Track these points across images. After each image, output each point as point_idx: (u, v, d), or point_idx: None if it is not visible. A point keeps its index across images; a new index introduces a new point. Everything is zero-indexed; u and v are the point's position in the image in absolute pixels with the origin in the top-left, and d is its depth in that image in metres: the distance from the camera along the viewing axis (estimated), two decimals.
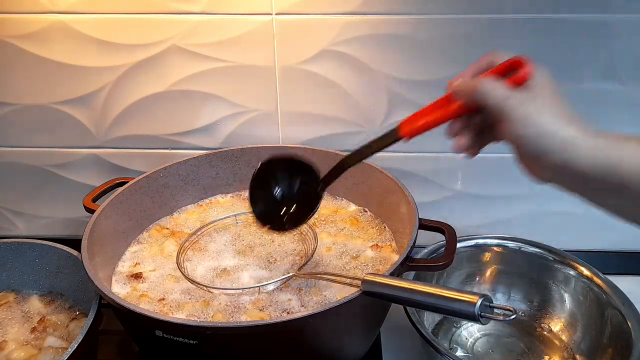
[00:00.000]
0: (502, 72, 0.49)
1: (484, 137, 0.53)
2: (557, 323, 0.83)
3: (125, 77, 0.88)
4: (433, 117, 0.52)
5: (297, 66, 0.86)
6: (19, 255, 0.81)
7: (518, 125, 0.46)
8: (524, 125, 0.46)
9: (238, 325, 0.58)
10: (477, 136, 0.52)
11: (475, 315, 0.50)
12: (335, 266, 0.74)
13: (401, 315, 0.72)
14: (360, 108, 0.89)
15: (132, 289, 0.71)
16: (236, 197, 0.91)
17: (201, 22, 0.83)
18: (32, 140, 0.95)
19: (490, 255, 0.87)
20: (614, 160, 0.44)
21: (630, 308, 0.73)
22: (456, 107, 0.50)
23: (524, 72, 0.47)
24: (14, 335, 0.75)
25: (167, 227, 0.84)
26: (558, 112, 0.47)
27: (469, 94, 0.49)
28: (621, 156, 0.44)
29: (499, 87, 0.47)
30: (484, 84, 0.48)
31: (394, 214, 0.78)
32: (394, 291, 0.56)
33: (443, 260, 0.65)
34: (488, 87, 0.48)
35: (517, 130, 0.46)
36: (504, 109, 0.47)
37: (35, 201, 1.02)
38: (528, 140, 0.46)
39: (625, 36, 0.80)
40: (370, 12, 0.81)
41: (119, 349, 0.82)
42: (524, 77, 0.47)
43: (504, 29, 0.81)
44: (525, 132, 0.46)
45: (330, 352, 0.66)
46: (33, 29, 0.85)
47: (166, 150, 0.95)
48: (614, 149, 0.45)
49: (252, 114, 0.91)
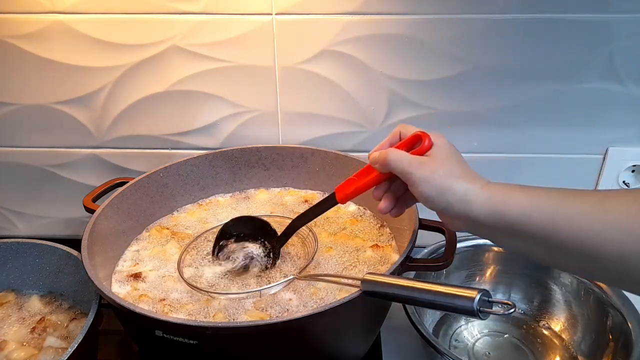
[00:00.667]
0: (409, 144, 0.58)
1: (405, 199, 0.61)
2: (557, 323, 0.83)
3: (125, 77, 0.88)
4: (361, 184, 0.61)
5: (297, 66, 0.86)
6: (19, 255, 0.81)
7: (420, 185, 0.54)
8: (425, 184, 0.54)
9: (238, 325, 0.58)
10: (399, 199, 0.61)
11: (475, 310, 0.50)
12: (335, 266, 0.74)
13: (401, 315, 0.72)
14: (360, 108, 0.89)
15: (132, 289, 0.71)
16: (236, 197, 0.91)
17: (201, 22, 0.83)
18: (32, 140, 0.95)
19: (490, 255, 0.87)
20: (502, 208, 0.51)
21: (630, 308, 0.73)
22: (376, 174, 0.59)
23: (425, 144, 0.56)
24: (14, 335, 0.75)
25: (167, 227, 0.84)
26: (452, 170, 0.54)
27: (382, 164, 0.57)
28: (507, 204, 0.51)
29: (404, 155, 0.56)
30: (391, 154, 0.56)
31: None
32: (393, 290, 0.56)
33: (443, 260, 0.65)
34: (394, 156, 0.56)
35: (421, 189, 0.54)
36: (408, 173, 0.55)
37: (35, 201, 1.02)
38: (431, 197, 0.54)
39: (625, 36, 0.80)
40: (370, 12, 0.81)
41: (119, 349, 0.82)
42: (426, 148, 0.56)
43: (503, 29, 0.81)
44: (427, 190, 0.54)
45: (330, 352, 0.66)
46: (33, 29, 0.85)
47: (166, 150, 0.95)
48: (501, 198, 0.52)
49: (252, 114, 0.91)
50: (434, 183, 0.54)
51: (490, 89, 0.86)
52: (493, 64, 0.84)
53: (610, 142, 0.89)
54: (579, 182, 0.92)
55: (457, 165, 0.55)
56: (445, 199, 0.53)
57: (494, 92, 0.87)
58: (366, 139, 0.92)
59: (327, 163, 0.89)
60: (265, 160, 0.91)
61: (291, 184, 0.92)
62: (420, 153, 0.56)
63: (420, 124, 0.88)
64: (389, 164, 0.56)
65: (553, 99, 0.86)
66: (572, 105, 0.86)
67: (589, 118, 0.87)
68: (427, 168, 0.54)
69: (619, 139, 0.89)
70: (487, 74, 0.84)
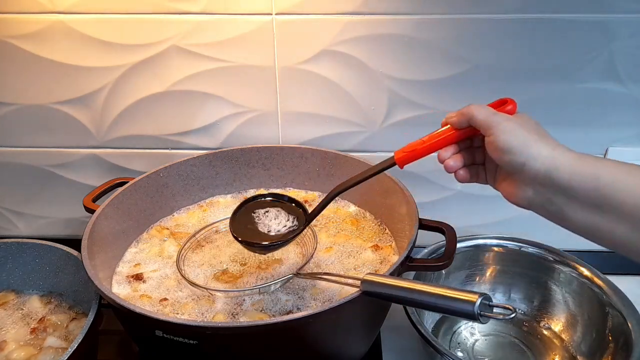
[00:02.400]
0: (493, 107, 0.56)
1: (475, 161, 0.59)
2: (557, 323, 0.83)
3: (125, 77, 0.88)
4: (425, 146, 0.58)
5: (297, 66, 0.86)
6: (19, 255, 0.81)
7: (505, 134, 0.51)
8: (510, 134, 0.51)
9: (238, 325, 0.58)
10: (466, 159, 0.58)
11: (475, 314, 0.50)
12: (335, 267, 0.74)
13: (401, 315, 0.72)
14: (360, 108, 0.89)
15: (133, 290, 0.71)
16: (236, 197, 0.91)
17: (201, 22, 0.83)
18: (32, 140, 0.95)
19: (490, 255, 0.87)
20: (594, 172, 0.48)
21: (630, 308, 0.73)
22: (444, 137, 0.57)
23: (510, 107, 0.55)
24: (14, 335, 0.75)
25: (167, 227, 0.84)
26: (538, 130, 0.52)
27: (463, 113, 0.55)
28: (599, 171, 0.49)
29: (486, 107, 0.54)
30: (474, 105, 0.54)
31: (394, 214, 0.78)
32: (393, 291, 0.56)
33: (443, 260, 0.65)
34: (479, 107, 0.54)
35: (505, 137, 0.51)
36: (492, 122, 0.52)
37: (35, 201, 1.02)
38: (513, 148, 0.51)
39: (625, 36, 0.80)
40: (370, 12, 0.81)
41: (119, 349, 0.82)
42: (511, 111, 0.55)
43: (504, 29, 0.81)
44: (511, 140, 0.51)
45: (330, 352, 0.66)
46: (33, 29, 0.85)
47: (166, 150, 0.95)
48: (593, 163, 0.49)
49: (252, 114, 0.91)
50: (520, 134, 0.51)
51: (491, 89, 0.86)
52: (493, 64, 0.84)
53: (610, 142, 0.89)
54: None
55: (543, 130, 0.53)
56: (529, 152, 0.50)
57: (494, 92, 0.86)
58: (366, 139, 0.92)
59: (327, 163, 0.89)
60: (265, 160, 0.91)
61: (291, 184, 0.92)
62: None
63: (420, 124, 0.89)
64: (472, 114, 0.54)
65: (553, 99, 0.86)
66: (572, 105, 0.86)
67: (589, 118, 0.87)
68: (514, 121, 0.52)
69: (619, 139, 0.89)
70: (487, 74, 0.84)
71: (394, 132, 0.90)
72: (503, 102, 0.57)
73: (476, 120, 0.53)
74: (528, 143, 0.51)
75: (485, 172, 0.59)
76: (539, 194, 0.52)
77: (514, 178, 0.54)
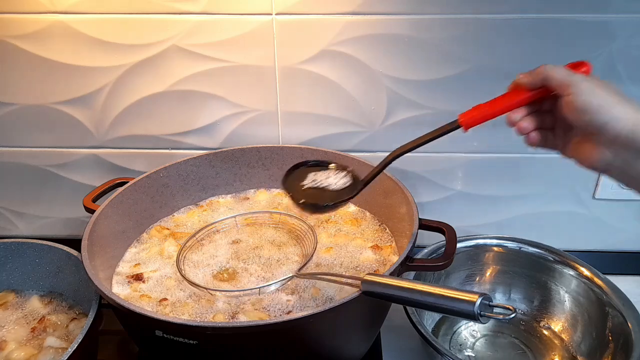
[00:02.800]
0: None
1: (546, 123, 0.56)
2: (557, 323, 0.83)
3: (125, 77, 0.88)
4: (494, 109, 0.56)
5: (297, 66, 0.86)
6: (19, 255, 0.81)
7: (584, 94, 0.49)
8: (589, 94, 0.49)
9: (238, 325, 0.58)
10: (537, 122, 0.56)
11: (475, 314, 0.50)
12: (335, 267, 0.74)
13: (401, 315, 0.72)
14: (360, 108, 0.89)
15: (133, 290, 0.71)
16: (236, 197, 0.91)
17: (201, 22, 0.83)
18: (32, 140, 0.95)
19: (490, 255, 0.87)
20: None
21: (630, 308, 0.73)
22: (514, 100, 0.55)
23: (585, 68, 0.54)
24: (14, 335, 0.75)
25: (167, 227, 0.84)
26: (620, 93, 0.50)
27: (535, 76, 0.53)
28: None
29: (562, 67, 0.52)
30: (548, 66, 0.52)
31: (394, 214, 0.78)
32: (393, 291, 0.56)
33: (443, 260, 0.65)
34: (552, 68, 0.52)
35: (584, 97, 0.49)
36: (570, 81, 0.50)
37: (35, 201, 1.02)
38: (593, 107, 0.49)
39: (625, 36, 0.80)
40: (370, 12, 0.81)
41: (119, 349, 0.82)
42: (586, 72, 0.53)
43: (504, 29, 0.80)
44: (591, 99, 0.49)
45: (330, 352, 0.66)
46: (33, 29, 0.85)
47: (166, 150, 0.95)
48: None
49: (252, 114, 0.91)
50: (601, 94, 0.49)
51: (491, 89, 0.85)
52: (493, 64, 0.83)
53: None
54: (580, 182, 0.92)
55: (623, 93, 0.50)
56: (612, 112, 0.48)
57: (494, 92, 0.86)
58: (366, 139, 0.92)
59: None
60: (265, 160, 0.91)
61: None
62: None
63: (420, 124, 0.89)
64: (548, 73, 0.52)
65: None
66: None
67: None
68: (592, 81, 0.50)
69: None
70: (487, 74, 0.84)
71: (394, 132, 0.90)
72: (578, 65, 0.55)
73: (553, 79, 0.51)
74: (610, 103, 0.49)
75: (554, 137, 0.57)
76: (619, 157, 0.50)
77: (591, 140, 0.51)
